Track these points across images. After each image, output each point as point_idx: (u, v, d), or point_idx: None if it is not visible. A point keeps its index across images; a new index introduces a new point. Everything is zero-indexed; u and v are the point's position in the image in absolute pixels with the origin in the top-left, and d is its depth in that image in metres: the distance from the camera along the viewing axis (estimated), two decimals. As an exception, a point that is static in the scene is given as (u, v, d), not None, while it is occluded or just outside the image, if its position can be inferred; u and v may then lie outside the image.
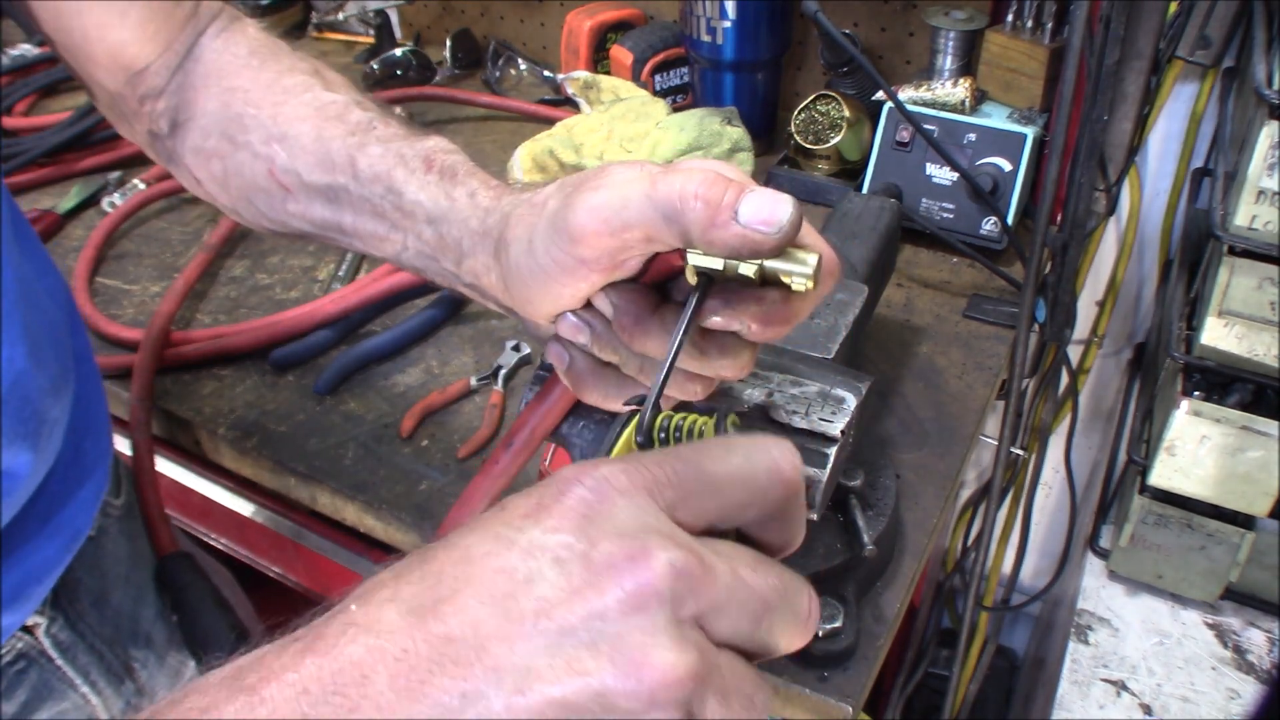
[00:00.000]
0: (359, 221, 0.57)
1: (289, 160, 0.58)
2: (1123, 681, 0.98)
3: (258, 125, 0.59)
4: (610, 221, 0.42)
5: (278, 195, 0.59)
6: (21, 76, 1.42)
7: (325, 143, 0.57)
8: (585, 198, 0.43)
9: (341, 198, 0.57)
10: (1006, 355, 0.98)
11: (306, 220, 0.59)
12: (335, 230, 0.59)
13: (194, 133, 0.61)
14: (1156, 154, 1.18)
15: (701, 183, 0.41)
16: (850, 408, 0.55)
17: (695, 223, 0.41)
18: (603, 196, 0.43)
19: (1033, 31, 1.08)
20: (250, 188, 0.60)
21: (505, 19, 1.49)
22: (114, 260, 1.12)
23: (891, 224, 0.88)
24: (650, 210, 0.42)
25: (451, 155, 0.55)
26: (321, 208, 0.58)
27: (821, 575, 0.69)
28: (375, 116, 0.58)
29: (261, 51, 0.62)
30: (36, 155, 1.24)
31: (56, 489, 0.67)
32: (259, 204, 0.61)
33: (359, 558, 0.94)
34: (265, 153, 0.59)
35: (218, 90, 0.61)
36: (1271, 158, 0.76)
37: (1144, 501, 0.97)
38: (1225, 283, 0.83)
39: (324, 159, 0.57)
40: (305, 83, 0.60)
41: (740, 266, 0.42)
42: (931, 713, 1.49)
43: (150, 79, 0.61)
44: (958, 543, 1.43)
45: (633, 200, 0.42)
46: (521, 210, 0.48)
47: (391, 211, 0.55)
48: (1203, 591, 1.00)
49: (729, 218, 0.40)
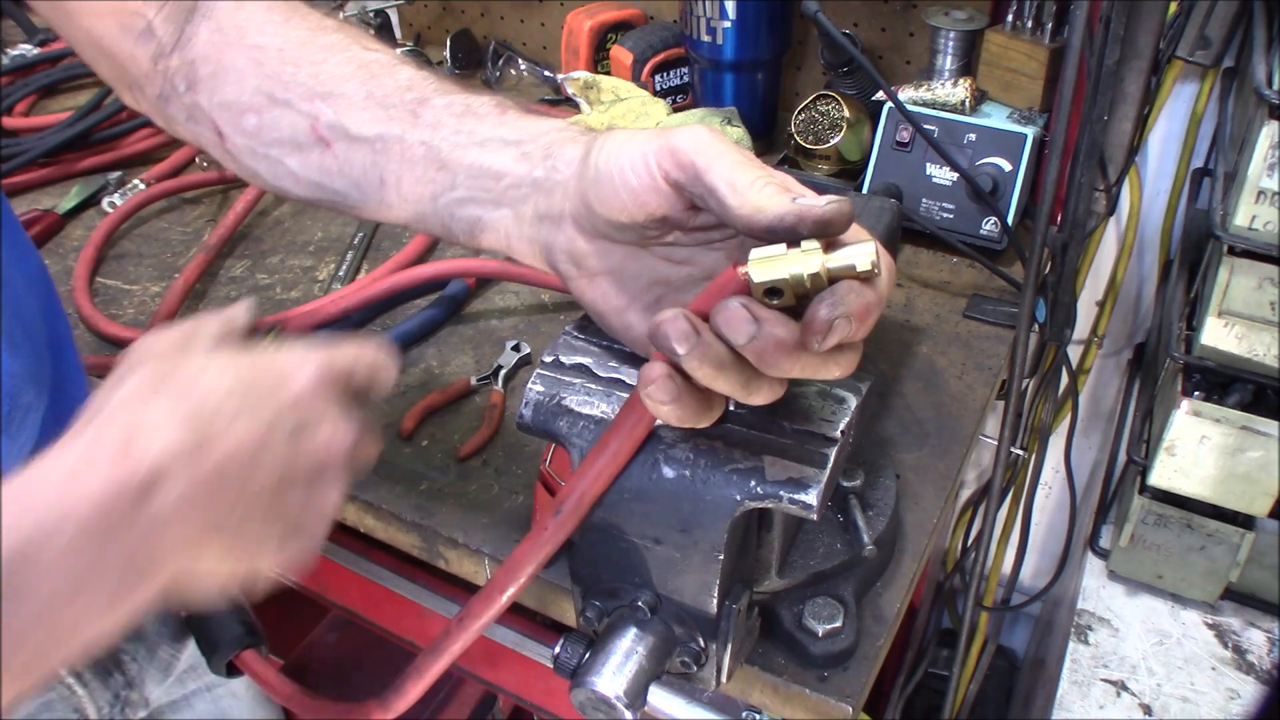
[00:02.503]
0: (404, 169, 0.58)
1: (335, 115, 0.59)
2: (1123, 681, 0.98)
3: (297, 83, 0.60)
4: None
5: (315, 150, 0.60)
6: (21, 76, 1.42)
7: (376, 99, 0.58)
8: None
9: (391, 148, 0.58)
10: (1006, 355, 0.98)
11: (341, 174, 0.60)
12: (371, 183, 0.59)
13: (225, 87, 0.61)
14: (1156, 154, 1.18)
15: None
16: (850, 408, 0.55)
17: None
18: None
19: (1033, 31, 1.08)
20: (286, 144, 0.61)
21: (505, 19, 1.49)
22: (114, 260, 1.12)
23: (891, 224, 0.88)
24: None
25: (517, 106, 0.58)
26: (362, 158, 0.59)
27: (821, 575, 0.69)
28: (422, 71, 0.60)
29: (277, 7, 0.63)
30: (36, 155, 1.24)
31: None
32: (290, 162, 0.61)
33: (359, 558, 0.94)
34: (308, 110, 0.59)
35: (242, 47, 0.61)
36: (1271, 158, 0.76)
37: (1144, 501, 0.97)
38: (1225, 283, 0.83)
39: (376, 114, 0.58)
40: (341, 41, 0.61)
41: (804, 267, 0.44)
42: (931, 713, 1.49)
43: (158, 33, 0.61)
44: (958, 543, 1.43)
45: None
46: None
47: (453, 152, 0.57)
48: (1203, 591, 1.00)
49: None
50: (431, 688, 0.59)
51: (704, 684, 0.62)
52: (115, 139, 1.28)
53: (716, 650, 0.60)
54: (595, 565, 0.60)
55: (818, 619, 0.67)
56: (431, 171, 0.57)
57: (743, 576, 0.62)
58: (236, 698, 0.99)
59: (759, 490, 0.53)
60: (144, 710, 0.86)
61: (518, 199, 0.55)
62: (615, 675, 0.57)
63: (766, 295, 0.45)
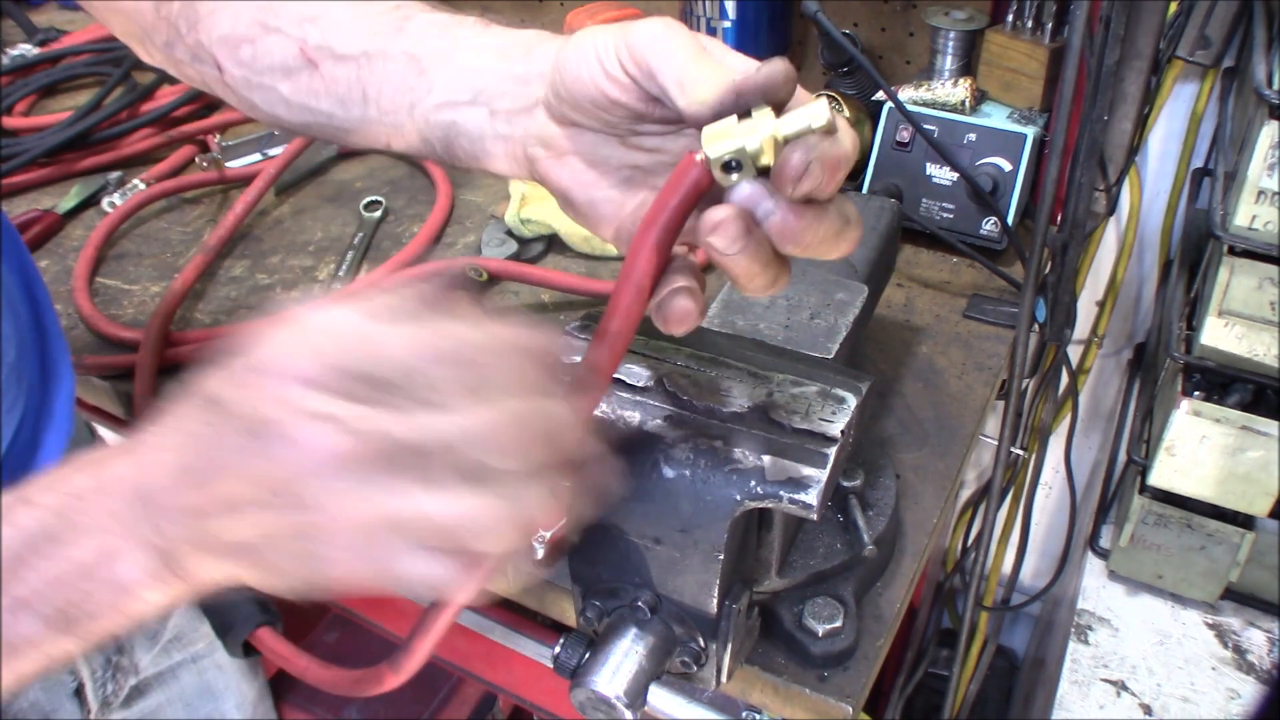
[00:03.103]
0: (384, 81, 0.58)
1: (322, 36, 0.60)
2: (1123, 681, 0.98)
3: (287, 9, 0.61)
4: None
5: (304, 73, 0.61)
6: (21, 76, 1.42)
7: (363, 18, 0.60)
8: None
9: (375, 62, 0.59)
10: (1006, 355, 0.98)
11: (327, 94, 0.61)
12: (354, 99, 0.60)
13: (223, 21, 0.63)
14: (1156, 154, 1.18)
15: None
16: (850, 408, 0.55)
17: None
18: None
19: (1033, 31, 1.08)
20: (278, 70, 0.62)
21: (505, 19, 1.48)
22: (114, 260, 1.12)
23: (891, 224, 0.88)
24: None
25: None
26: (347, 74, 0.59)
27: (821, 575, 0.69)
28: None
29: None
30: (36, 155, 1.24)
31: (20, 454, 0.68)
32: (282, 88, 0.62)
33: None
34: (297, 34, 0.60)
35: None
36: (1271, 158, 0.76)
37: (1144, 501, 0.97)
38: (1225, 283, 0.83)
39: (362, 30, 0.59)
40: None
41: (757, 133, 0.44)
42: (931, 713, 1.49)
43: None
44: (958, 543, 1.43)
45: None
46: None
47: (437, 59, 0.58)
48: (1203, 591, 1.00)
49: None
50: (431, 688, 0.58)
51: (704, 684, 0.62)
52: (115, 139, 1.28)
53: (716, 650, 0.60)
54: (595, 565, 0.60)
55: (818, 619, 0.67)
56: (411, 79, 0.58)
57: (743, 576, 0.62)
58: (221, 670, 1.00)
59: (759, 490, 0.53)
60: (134, 677, 0.88)
61: (494, 95, 0.56)
62: (615, 675, 0.57)
63: (725, 171, 0.45)
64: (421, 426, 0.39)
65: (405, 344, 0.40)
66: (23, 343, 0.69)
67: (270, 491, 0.40)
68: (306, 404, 0.39)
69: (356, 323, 0.41)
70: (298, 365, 0.40)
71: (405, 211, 1.19)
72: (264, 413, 0.40)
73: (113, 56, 1.41)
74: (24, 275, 0.72)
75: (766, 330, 0.69)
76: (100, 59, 1.42)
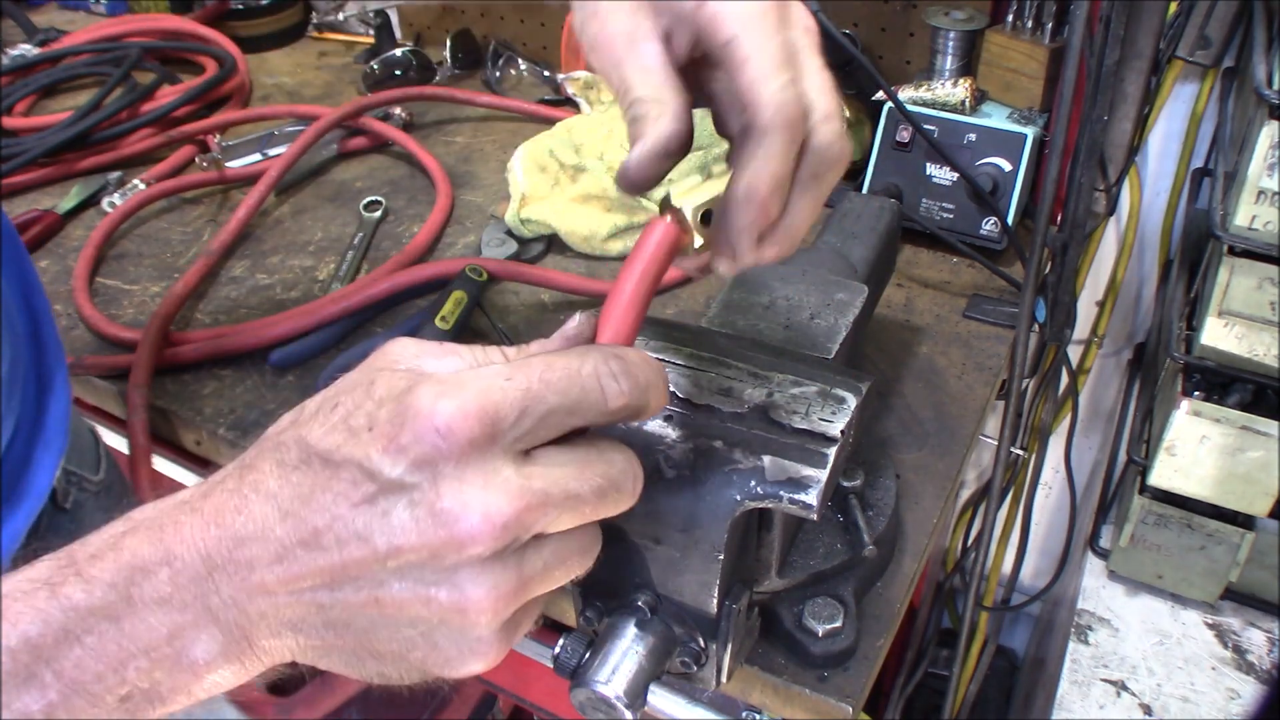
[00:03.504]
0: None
1: None
2: (1123, 681, 0.98)
3: None
4: None
5: None
6: (21, 76, 1.42)
7: None
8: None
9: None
10: (1006, 355, 0.98)
11: None
12: None
13: None
14: (1156, 154, 1.18)
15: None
16: (850, 408, 0.55)
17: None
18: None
19: (1033, 31, 1.08)
20: None
21: (505, 19, 1.49)
22: (114, 260, 1.12)
23: (891, 224, 0.88)
24: None
25: None
26: None
27: (821, 575, 0.69)
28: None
29: None
30: (36, 155, 1.24)
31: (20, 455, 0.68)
32: None
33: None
34: None
35: None
36: (1271, 158, 0.76)
37: (1144, 501, 0.97)
38: (1225, 283, 0.83)
39: None
40: None
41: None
42: (931, 713, 1.49)
43: None
44: (958, 543, 1.43)
45: None
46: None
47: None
48: (1203, 591, 1.00)
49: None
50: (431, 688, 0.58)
51: (704, 684, 0.62)
52: (115, 139, 1.28)
53: (716, 650, 0.60)
54: (595, 565, 0.60)
55: (818, 619, 0.67)
56: None
57: (743, 576, 0.62)
58: None
59: (759, 490, 0.53)
60: None
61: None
62: (615, 675, 0.57)
63: (704, 221, 0.49)
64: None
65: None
66: (17, 356, 0.68)
67: (397, 569, 0.38)
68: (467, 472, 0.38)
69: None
70: (443, 418, 0.37)
71: (405, 211, 1.19)
72: (398, 476, 0.37)
73: (113, 56, 1.41)
74: (23, 285, 0.71)
75: (766, 330, 0.69)
76: (100, 59, 1.42)
